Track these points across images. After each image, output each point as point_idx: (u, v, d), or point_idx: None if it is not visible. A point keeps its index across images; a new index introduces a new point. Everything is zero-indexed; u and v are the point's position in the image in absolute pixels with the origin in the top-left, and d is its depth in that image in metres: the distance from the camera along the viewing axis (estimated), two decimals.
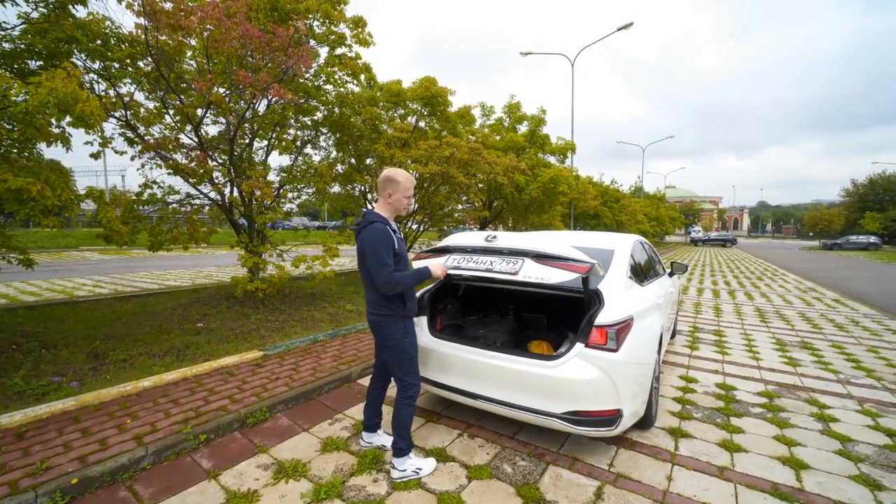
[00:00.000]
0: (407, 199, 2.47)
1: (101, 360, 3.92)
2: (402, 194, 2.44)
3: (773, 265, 18.96)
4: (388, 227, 2.37)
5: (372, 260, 2.29)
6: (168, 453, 2.62)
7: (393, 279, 2.28)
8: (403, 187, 2.43)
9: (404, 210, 2.51)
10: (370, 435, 2.81)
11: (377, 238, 2.29)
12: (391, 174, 2.43)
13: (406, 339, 2.46)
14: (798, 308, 8.28)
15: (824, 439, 3.01)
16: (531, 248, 2.57)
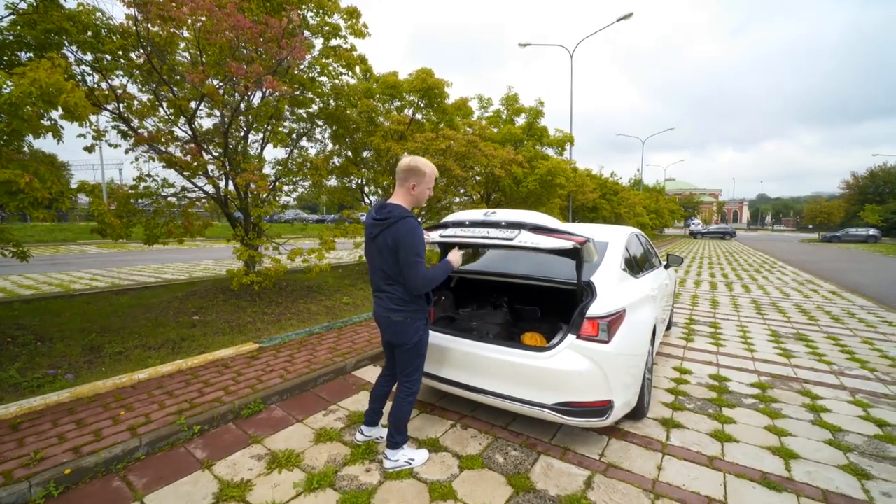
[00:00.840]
0: (430, 191, 2.38)
1: (97, 352, 3.93)
2: (427, 185, 2.33)
3: (771, 257, 18.98)
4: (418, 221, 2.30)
5: (407, 257, 2.17)
6: (162, 444, 2.63)
7: (429, 276, 2.20)
8: (428, 178, 2.32)
9: (424, 202, 2.41)
10: (370, 429, 2.75)
11: (415, 234, 2.17)
12: (415, 164, 2.30)
13: (425, 337, 2.43)
14: (795, 300, 8.30)
15: (815, 429, 3.04)
16: (529, 221, 2.55)
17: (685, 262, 15.74)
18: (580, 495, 2.25)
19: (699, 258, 18.07)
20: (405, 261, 2.18)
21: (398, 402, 2.46)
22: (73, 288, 7.56)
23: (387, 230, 2.23)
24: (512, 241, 2.51)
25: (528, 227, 2.51)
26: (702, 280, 11.10)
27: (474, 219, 2.75)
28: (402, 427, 2.49)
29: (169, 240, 5.60)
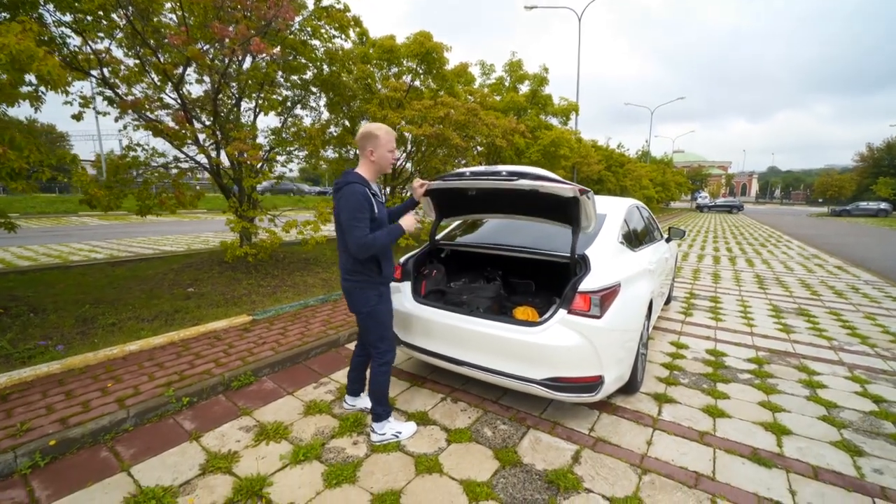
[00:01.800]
0: (391, 154, 2.32)
1: (90, 324, 3.92)
2: (385, 148, 2.29)
3: (777, 231, 18.71)
4: (367, 189, 2.24)
5: (346, 222, 2.17)
6: (151, 416, 2.63)
7: (366, 241, 2.17)
8: (384, 141, 2.27)
9: (389, 166, 2.37)
10: (353, 399, 2.82)
11: (352, 198, 2.17)
12: (369, 129, 2.29)
13: (380, 307, 2.39)
14: (799, 275, 8.18)
15: (810, 405, 3.00)
16: (530, 171, 2.46)
17: (689, 236, 15.55)
18: (567, 469, 2.24)
19: (704, 232, 17.84)
20: (344, 225, 2.19)
21: (373, 374, 2.46)
22: (71, 259, 7.56)
23: (336, 197, 2.28)
24: (511, 183, 2.45)
25: (529, 176, 2.43)
26: (705, 254, 10.96)
27: (475, 170, 2.64)
28: (382, 399, 2.48)
29: (162, 211, 5.51)
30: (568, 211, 2.60)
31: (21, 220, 16.32)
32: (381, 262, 2.36)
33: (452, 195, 2.97)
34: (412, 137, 7.57)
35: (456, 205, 3.15)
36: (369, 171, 2.32)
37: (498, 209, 3.11)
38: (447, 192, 2.93)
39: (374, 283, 2.36)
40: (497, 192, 2.73)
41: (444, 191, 2.88)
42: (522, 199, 2.78)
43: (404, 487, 2.11)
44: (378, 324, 2.41)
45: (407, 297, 3.03)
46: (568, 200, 2.50)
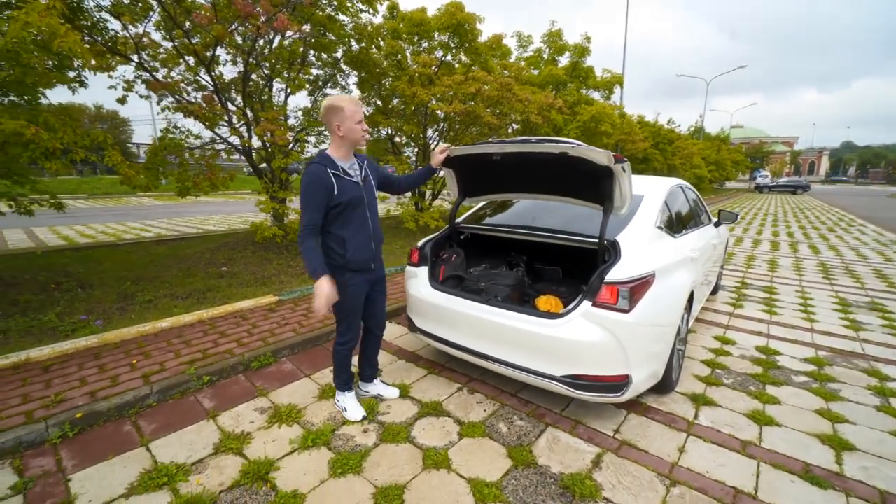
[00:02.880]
0: (360, 125, 2.15)
1: (129, 300, 4.12)
2: (352, 120, 2.12)
3: (849, 214, 16.88)
4: (326, 168, 2.10)
5: (300, 205, 2.11)
6: (173, 392, 2.71)
7: (301, 236, 2.08)
8: (350, 112, 2.11)
9: (362, 139, 2.21)
10: (366, 385, 2.78)
11: (304, 181, 2.08)
12: (331, 102, 2.12)
13: (344, 293, 2.24)
14: (874, 263, 7.30)
15: (879, 417, 2.61)
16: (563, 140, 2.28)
17: (745, 219, 14.35)
18: (584, 475, 2.06)
19: (762, 214, 16.40)
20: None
21: (333, 348, 2.50)
22: (123, 238, 8.08)
23: None
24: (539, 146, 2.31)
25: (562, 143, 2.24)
26: (762, 239, 10.05)
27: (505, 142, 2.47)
28: (338, 372, 2.54)
29: (198, 193, 5.69)
30: (600, 187, 2.36)
31: (89, 201, 17.76)
32: (346, 240, 2.19)
33: (476, 166, 2.79)
34: (443, 115, 7.31)
35: (480, 180, 2.96)
36: (339, 147, 2.18)
37: (525, 187, 2.89)
38: (470, 162, 2.75)
39: (338, 268, 2.21)
40: (523, 162, 2.53)
41: (467, 160, 2.71)
42: (551, 174, 2.56)
43: (409, 482, 2.03)
44: (341, 307, 2.30)
45: (423, 282, 2.90)
46: (600, 172, 2.26)
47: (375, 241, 2.34)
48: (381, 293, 2.55)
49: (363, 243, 2.26)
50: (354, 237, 2.21)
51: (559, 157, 2.30)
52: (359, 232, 2.23)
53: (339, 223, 2.18)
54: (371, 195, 2.32)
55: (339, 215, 2.16)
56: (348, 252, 2.20)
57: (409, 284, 3.03)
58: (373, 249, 2.32)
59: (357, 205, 2.20)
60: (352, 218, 2.20)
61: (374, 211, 2.34)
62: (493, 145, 2.49)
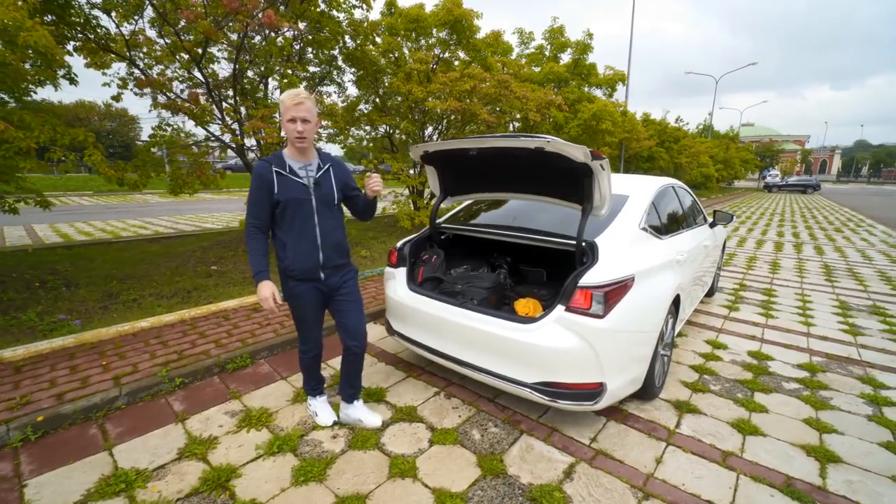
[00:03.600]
0: (291, 124, 1.92)
1: (114, 299, 4.10)
2: (284, 117, 1.94)
3: (858, 214, 16.54)
4: (270, 166, 2.00)
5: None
6: (144, 395, 2.67)
7: (245, 233, 2.09)
8: (282, 107, 1.93)
9: (296, 140, 1.97)
10: (345, 406, 2.47)
11: (251, 179, 2.04)
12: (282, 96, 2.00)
13: (289, 301, 2.22)
14: (879, 265, 7.11)
15: (870, 427, 2.51)
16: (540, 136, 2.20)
17: (750, 219, 14.11)
18: (554, 487, 1.99)
19: (769, 214, 16.12)
20: None
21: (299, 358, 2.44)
22: (121, 235, 8.11)
23: None
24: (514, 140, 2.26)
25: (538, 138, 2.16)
26: (766, 239, 9.86)
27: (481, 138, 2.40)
28: (303, 378, 2.50)
29: (187, 191, 5.66)
30: (580, 187, 2.28)
31: (94, 198, 17.90)
32: (287, 245, 2.07)
33: (457, 164, 2.73)
34: (439, 113, 7.23)
35: (462, 178, 2.89)
36: (290, 145, 2.07)
37: (506, 186, 2.82)
38: (451, 160, 2.70)
39: (281, 273, 2.16)
40: (503, 160, 2.45)
41: (448, 158, 2.64)
42: (532, 173, 2.49)
43: (372, 492, 1.96)
44: (293, 318, 2.30)
45: (401, 283, 2.83)
46: (579, 170, 2.18)
47: (326, 249, 2.10)
48: (349, 303, 2.27)
49: (306, 250, 2.07)
50: (296, 243, 2.06)
51: (537, 153, 2.22)
52: (301, 238, 2.06)
53: (282, 226, 2.07)
54: (325, 200, 2.09)
55: (282, 217, 2.05)
56: (287, 258, 2.08)
57: (387, 286, 2.97)
58: (318, 258, 2.09)
59: (299, 207, 2.03)
60: (294, 221, 2.05)
61: (327, 216, 2.10)
62: (468, 140, 2.42)
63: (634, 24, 15.29)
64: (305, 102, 1.93)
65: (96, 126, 39.41)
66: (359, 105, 8.93)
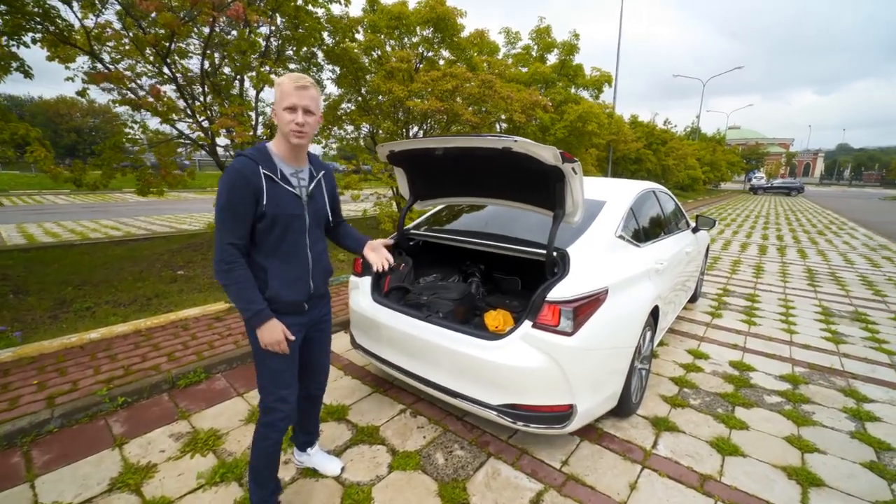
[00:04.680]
0: (289, 114, 1.49)
1: (65, 307, 3.85)
2: (280, 104, 1.50)
3: (841, 217, 16.78)
4: (257, 166, 1.48)
5: (215, 216, 1.51)
6: (80, 416, 2.45)
7: (222, 264, 1.47)
8: (282, 91, 1.49)
9: (293, 135, 1.51)
10: (300, 453, 2.12)
11: (225, 181, 1.47)
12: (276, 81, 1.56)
13: (255, 346, 1.63)
14: (861, 269, 7.11)
15: (853, 445, 2.40)
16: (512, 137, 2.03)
17: (735, 222, 14.19)
18: None
19: (754, 217, 16.25)
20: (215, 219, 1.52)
21: (253, 437, 1.72)
22: (90, 237, 7.78)
23: None
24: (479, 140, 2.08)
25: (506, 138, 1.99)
26: (750, 242, 9.87)
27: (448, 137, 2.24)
28: (257, 476, 1.73)
29: (158, 189, 5.41)
30: (551, 191, 2.12)
31: (71, 197, 17.35)
32: (269, 272, 1.57)
33: (425, 166, 2.57)
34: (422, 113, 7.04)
35: (431, 182, 2.72)
36: (281, 141, 1.57)
37: (477, 191, 2.66)
38: (419, 161, 2.53)
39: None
40: (472, 162, 2.29)
41: (412, 157, 2.48)
42: (502, 176, 2.34)
43: None
44: (261, 365, 1.64)
45: (364, 294, 2.65)
46: (550, 173, 2.02)
47: (316, 276, 1.69)
48: (323, 339, 1.92)
49: (295, 278, 1.63)
50: (283, 270, 1.59)
51: (506, 155, 2.06)
52: (289, 263, 1.61)
53: (263, 248, 1.56)
54: (318, 217, 1.69)
55: (265, 237, 1.54)
56: (272, 288, 1.57)
57: (350, 296, 2.79)
58: (309, 288, 1.67)
59: (290, 224, 1.58)
60: (282, 243, 1.58)
61: (318, 237, 1.72)
62: (434, 140, 2.25)
63: (623, 26, 15.28)
64: (311, 89, 1.50)
65: (78, 123, 38.35)
66: (341, 104, 8.72)
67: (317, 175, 1.69)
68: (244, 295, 1.50)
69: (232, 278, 1.48)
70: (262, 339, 1.55)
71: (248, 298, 1.51)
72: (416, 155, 2.46)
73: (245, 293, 1.50)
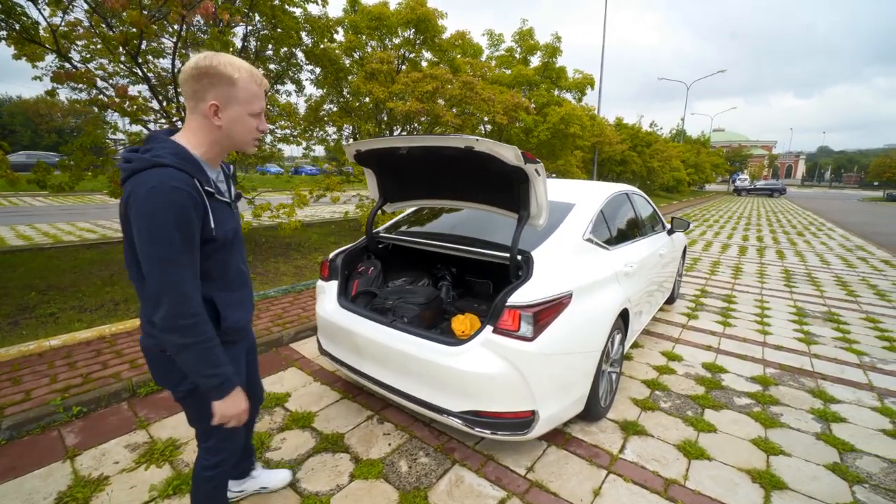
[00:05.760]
0: (257, 120, 1.25)
1: (27, 313, 3.72)
2: (246, 107, 1.21)
3: (820, 218, 17.14)
4: (194, 181, 1.15)
5: (145, 249, 1.09)
6: (32, 427, 2.35)
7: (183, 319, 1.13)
8: (247, 91, 1.20)
9: (251, 144, 1.29)
10: (240, 482, 1.91)
11: (160, 211, 1.07)
12: (212, 62, 1.15)
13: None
14: (836, 270, 7.25)
15: (818, 447, 2.41)
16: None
17: (718, 222, 14.40)
18: None
19: (736, 218, 16.51)
20: (142, 255, 1.11)
21: (195, 482, 1.53)
22: (63, 240, 7.57)
23: (126, 185, 1.13)
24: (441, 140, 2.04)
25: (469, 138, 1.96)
26: (731, 243, 10.00)
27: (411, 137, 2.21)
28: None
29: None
30: (516, 193, 2.10)
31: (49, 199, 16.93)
32: (221, 303, 1.31)
33: (393, 167, 2.54)
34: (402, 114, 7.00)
35: (399, 183, 2.69)
36: (208, 144, 1.22)
37: (444, 192, 2.64)
38: (383, 161, 2.50)
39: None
40: (438, 162, 2.26)
41: (379, 157, 2.44)
42: (469, 177, 2.32)
43: None
44: (205, 414, 1.28)
45: (331, 299, 2.60)
46: (514, 175, 2.01)
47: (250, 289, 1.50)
48: (253, 353, 1.70)
49: (243, 297, 1.43)
50: (234, 295, 1.36)
51: (471, 156, 2.03)
52: (238, 285, 1.39)
53: (214, 277, 1.28)
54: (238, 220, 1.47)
55: (213, 263, 1.27)
56: (225, 319, 1.32)
57: (317, 301, 2.73)
58: (253, 303, 1.52)
59: (233, 241, 1.34)
60: (230, 264, 1.34)
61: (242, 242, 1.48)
62: (399, 139, 2.22)
63: (609, 30, 15.43)
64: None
65: (59, 123, 37.49)
66: (323, 105, 8.64)
67: (228, 171, 1.42)
68: (211, 357, 1.19)
69: (197, 334, 1.15)
70: (225, 412, 1.25)
71: (215, 361, 1.20)
72: (382, 154, 2.42)
73: (212, 355, 1.20)
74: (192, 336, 1.15)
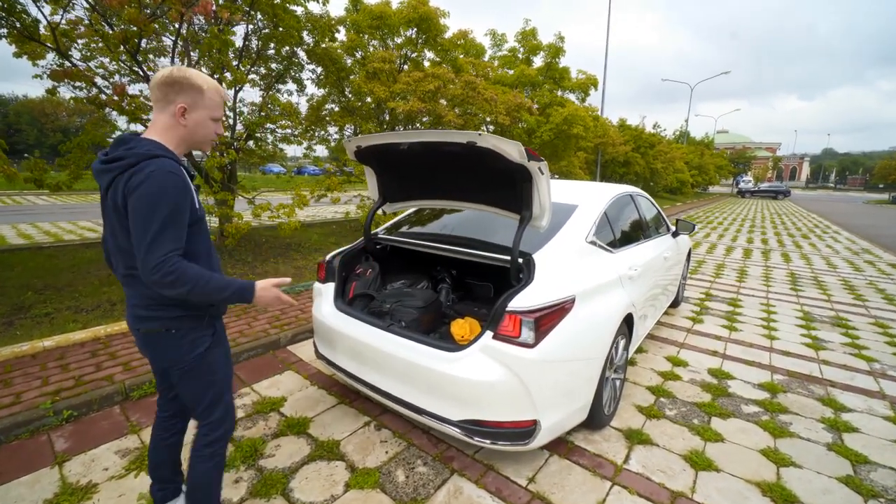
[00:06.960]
0: (217, 124, 1.44)
1: (23, 312, 3.68)
2: (209, 113, 1.39)
3: (825, 221, 16.98)
4: (180, 168, 1.33)
5: (139, 226, 1.22)
6: (20, 431, 2.30)
7: (164, 273, 1.22)
8: (210, 101, 1.38)
9: (209, 144, 1.49)
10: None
11: (163, 189, 1.23)
12: (183, 74, 1.34)
13: (216, 354, 1.49)
14: (843, 273, 7.14)
15: (830, 458, 2.33)
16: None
17: (722, 225, 14.28)
18: None
19: (740, 220, 16.38)
20: (136, 234, 1.23)
21: (193, 459, 1.55)
22: (64, 238, 7.55)
23: (119, 180, 1.25)
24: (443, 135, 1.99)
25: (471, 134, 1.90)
26: (735, 246, 9.90)
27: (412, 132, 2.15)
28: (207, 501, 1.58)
29: None
30: (519, 192, 2.04)
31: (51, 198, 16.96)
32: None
33: (391, 163, 2.48)
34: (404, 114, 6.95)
35: (399, 182, 2.63)
36: (175, 138, 1.37)
37: (446, 192, 2.57)
38: (384, 158, 2.44)
39: (200, 319, 1.44)
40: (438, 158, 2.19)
41: (379, 154, 2.38)
42: (470, 176, 2.25)
43: None
44: (212, 380, 1.47)
45: (327, 301, 2.54)
46: (517, 173, 1.94)
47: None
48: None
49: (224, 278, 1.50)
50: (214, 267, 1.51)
51: (473, 153, 1.96)
52: (215, 263, 1.52)
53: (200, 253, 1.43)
54: None
55: (197, 241, 1.42)
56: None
57: (314, 303, 2.67)
58: None
59: (203, 225, 1.48)
60: (208, 242, 1.49)
61: None
62: (399, 134, 2.16)
63: (613, 31, 15.35)
64: None
65: (64, 122, 37.62)
66: (325, 104, 8.59)
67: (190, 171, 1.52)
68: (213, 283, 1.31)
69: (187, 278, 1.25)
70: (265, 301, 1.44)
71: (219, 285, 1.33)
72: (382, 151, 2.35)
73: (213, 282, 1.31)
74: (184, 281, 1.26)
